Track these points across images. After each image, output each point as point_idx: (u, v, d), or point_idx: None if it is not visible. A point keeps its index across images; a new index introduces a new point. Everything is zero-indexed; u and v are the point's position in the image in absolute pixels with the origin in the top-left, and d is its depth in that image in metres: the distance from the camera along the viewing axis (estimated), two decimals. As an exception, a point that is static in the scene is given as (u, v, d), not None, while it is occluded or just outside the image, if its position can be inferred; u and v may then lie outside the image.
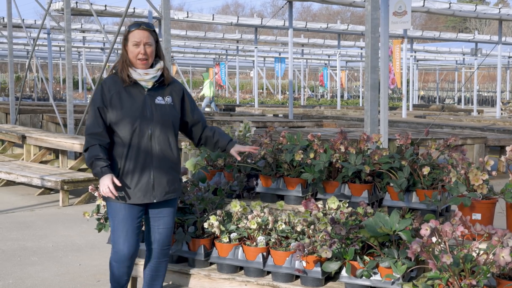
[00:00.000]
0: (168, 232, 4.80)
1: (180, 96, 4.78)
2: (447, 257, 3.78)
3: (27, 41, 29.36)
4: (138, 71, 4.58)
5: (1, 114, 19.27)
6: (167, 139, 4.64)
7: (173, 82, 4.79)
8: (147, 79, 4.59)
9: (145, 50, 4.54)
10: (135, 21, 4.65)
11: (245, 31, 42.11)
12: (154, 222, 4.75)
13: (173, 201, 4.78)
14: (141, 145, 4.56)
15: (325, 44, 36.46)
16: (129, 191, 4.57)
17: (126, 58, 4.59)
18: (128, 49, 4.57)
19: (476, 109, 28.81)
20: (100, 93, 4.61)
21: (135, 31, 4.55)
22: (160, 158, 4.61)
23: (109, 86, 4.61)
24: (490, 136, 13.50)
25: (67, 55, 12.64)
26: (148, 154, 4.58)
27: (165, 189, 4.65)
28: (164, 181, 4.63)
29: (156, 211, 4.72)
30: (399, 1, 11.22)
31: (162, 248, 4.81)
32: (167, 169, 4.65)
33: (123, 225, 4.62)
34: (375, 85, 7.31)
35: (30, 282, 6.23)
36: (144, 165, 4.57)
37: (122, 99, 4.57)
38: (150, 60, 4.60)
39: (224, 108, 28.79)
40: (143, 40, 4.53)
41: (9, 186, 11.41)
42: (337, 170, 5.44)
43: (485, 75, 54.69)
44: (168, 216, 4.76)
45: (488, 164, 4.70)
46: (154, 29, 4.65)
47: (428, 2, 18.57)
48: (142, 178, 4.57)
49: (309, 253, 4.64)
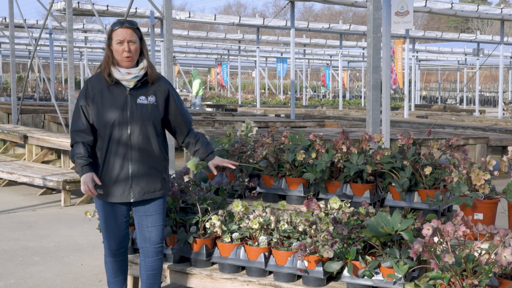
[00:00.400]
0: (158, 230, 4.81)
1: (165, 96, 4.73)
2: (449, 257, 3.78)
3: (29, 41, 29.37)
4: (121, 70, 4.59)
5: (3, 114, 19.28)
6: (148, 139, 4.63)
7: (159, 80, 4.75)
8: (128, 79, 4.59)
9: (129, 47, 4.55)
10: (117, 20, 4.67)
11: (247, 31, 42.05)
12: (142, 221, 4.78)
13: (159, 200, 4.78)
14: (119, 144, 4.58)
15: (327, 44, 36.43)
16: (108, 189, 4.64)
17: (110, 57, 4.61)
18: (113, 48, 4.58)
19: (478, 109, 28.76)
20: (84, 91, 4.66)
21: (118, 30, 4.56)
22: (139, 158, 4.61)
23: (93, 84, 4.65)
24: (492, 136, 13.49)
25: (69, 55, 12.63)
26: (127, 154, 4.60)
27: (144, 189, 4.65)
28: (142, 181, 4.64)
29: (142, 209, 4.75)
30: (401, 1, 11.21)
31: (154, 246, 4.83)
32: (146, 169, 4.64)
33: (109, 222, 4.77)
34: (377, 85, 7.31)
35: (32, 282, 6.23)
36: (122, 164, 4.60)
37: (104, 97, 4.60)
38: (135, 57, 4.60)
39: (226, 108, 28.77)
40: (126, 38, 4.54)
41: (11, 186, 11.41)
42: (339, 170, 5.44)
43: (487, 75, 54.66)
44: (156, 214, 4.77)
45: (490, 164, 4.70)
46: (138, 27, 4.65)
47: (430, 2, 18.56)
48: (120, 178, 4.61)
49: (311, 253, 4.63)
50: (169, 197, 5.36)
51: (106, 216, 4.75)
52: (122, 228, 4.82)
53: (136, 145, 4.60)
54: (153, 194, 4.70)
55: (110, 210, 4.72)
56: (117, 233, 4.81)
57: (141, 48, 4.65)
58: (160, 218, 4.80)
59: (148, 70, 4.66)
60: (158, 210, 4.78)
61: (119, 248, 4.88)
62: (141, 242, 4.84)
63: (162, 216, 4.81)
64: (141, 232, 4.81)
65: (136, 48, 4.59)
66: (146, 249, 4.83)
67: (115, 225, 4.77)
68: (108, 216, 4.74)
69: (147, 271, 4.88)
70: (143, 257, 4.87)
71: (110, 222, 4.76)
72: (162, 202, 4.80)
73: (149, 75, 4.66)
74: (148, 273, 4.89)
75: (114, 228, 4.78)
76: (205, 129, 13.24)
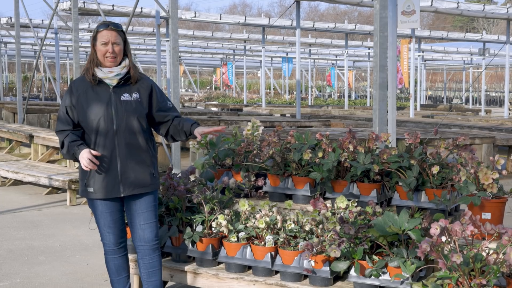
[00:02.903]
0: (152, 228, 4.85)
1: (148, 92, 4.81)
2: (457, 257, 3.76)
3: (34, 41, 29.40)
4: (103, 69, 4.68)
5: (9, 114, 19.30)
6: (134, 134, 4.71)
7: (142, 78, 4.84)
8: (111, 77, 4.68)
9: (113, 48, 4.64)
10: (103, 21, 4.79)
11: (252, 31, 42.03)
12: (134, 219, 4.82)
13: (149, 196, 4.82)
14: (106, 141, 4.67)
15: (332, 44, 36.39)
16: (98, 186, 4.70)
17: (94, 57, 4.70)
18: (97, 48, 4.67)
19: (484, 109, 28.71)
20: (69, 92, 4.76)
21: (103, 31, 4.66)
22: (127, 154, 4.69)
23: (77, 86, 4.75)
24: (498, 136, 13.46)
25: (75, 55, 12.64)
26: (114, 150, 4.67)
27: (133, 183, 4.71)
28: (131, 176, 4.70)
29: (133, 207, 4.80)
30: (408, 0, 11.19)
31: (150, 244, 4.86)
32: (135, 164, 4.71)
33: (105, 218, 4.83)
34: (384, 84, 7.29)
35: (37, 281, 6.23)
36: (111, 161, 4.67)
37: (88, 97, 4.69)
38: (118, 58, 4.69)
39: (231, 108, 28.77)
40: (111, 40, 4.64)
41: (16, 186, 11.42)
42: (345, 169, 5.42)
43: (493, 75, 54.55)
44: (147, 211, 4.81)
45: (499, 163, 4.69)
46: (122, 29, 4.75)
47: (436, 2, 18.52)
48: (109, 173, 4.67)
49: (317, 252, 4.62)
50: (175, 197, 5.36)
51: (101, 213, 4.81)
52: (119, 222, 4.88)
53: (122, 140, 4.67)
54: (142, 189, 4.75)
55: (104, 207, 4.79)
56: (114, 228, 4.87)
57: (124, 50, 4.75)
58: (152, 215, 4.84)
59: (130, 70, 4.75)
60: (149, 207, 4.82)
61: (119, 243, 4.94)
62: (136, 241, 4.89)
63: (154, 213, 4.86)
64: (135, 231, 4.86)
65: (120, 49, 4.69)
66: (142, 247, 4.88)
67: (111, 220, 4.84)
68: (103, 212, 4.81)
69: (146, 270, 4.92)
70: (141, 255, 4.91)
71: (106, 218, 4.82)
72: (153, 199, 4.85)
73: (131, 75, 4.75)
74: (148, 271, 4.92)
75: (110, 223, 4.84)
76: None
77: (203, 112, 21.62)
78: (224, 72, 38.31)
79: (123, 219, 4.93)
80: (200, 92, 44.75)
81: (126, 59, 4.74)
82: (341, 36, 40.03)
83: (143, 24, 58.75)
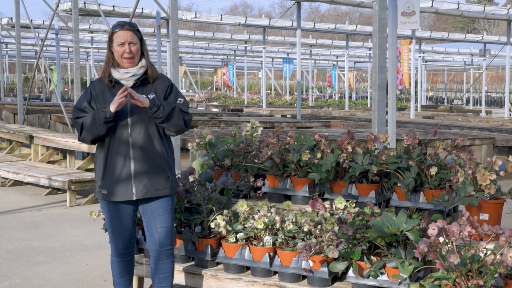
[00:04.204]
0: (167, 232, 4.79)
1: (165, 92, 4.74)
2: (455, 257, 3.77)
3: (35, 42, 29.39)
4: (120, 70, 4.63)
5: (9, 114, 19.31)
6: (149, 136, 4.65)
7: (160, 78, 4.79)
8: (127, 78, 4.63)
9: (130, 48, 4.59)
10: (117, 22, 4.71)
11: (253, 31, 42.02)
12: (150, 222, 4.76)
13: (166, 200, 4.75)
14: (120, 143, 4.61)
15: (333, 44, 36.41)
16: (111, 188, 4.64)
17: (111, 59, 4.66)
18: (114, 49, 4.63)
19: (484, 110, 28.70)
20: (88, 93, 4.72)
21: (119, 32, 4.61)
22: (141, 156, 4.62)
23: (95, 86, 4.73)
24: (498, 136, 13.46)
25: (75, 56, 12.66)
26: (128, 152, 4.61)
27: (146, 186, 4.64)
28: (144, 178, 4.63)
29: (149, 210, 4.73)
30: (408, 1, 11.20)
31: (164, 249, 4.80)
32: (148, 166, 4.64)
33: (114, 222, 4.76)
34: (383, 85, 7.30)
35: (37, 282, 6.24)
36: (124, 162, 4.62)
37: (105, 97, 4.64)
38: (136, 58, 4.65)
39: (232, 109, 28.77)
40: (127, 40, 4.59)
41: (16, 186, 11.44)
42: (344, 170, 5.42)
43: (493, 76, 54.55)
44: (164, 215, 4.75)
45: (496, 164, 4.69)
46: (138, 29, 4.70)
47: (437, 3, 18.54)
48: (122, 176, 4.62)
49: (316, 253, 4.62)
50: (174, 197, 5.36)
51: (111, 216, 4.75)
52: (128, 228, 4.81)
53: (137, 143, 4.61)
54: (156, 193, 4.67)
55: (116, 210, 4.72)
56: (123, 233, 4.80)
57: (141, 49, 4.70)
58: (168, 219, 4.77)
59: (148, 70, 4.70)
60: (166, 211, 4.75)
61: (126, 248, 4.88)
62: (151, 245, 4.82)
63: (170, 217, 4.79)
64: (151, 235, 4.79)
65: (137, 49, 4.64)
66: (157, 252, 4.81)
67: (121, 225, 4.76)
68: (113, 216, 4.74)
69: (159, 275, 4.85)
70: (154, 260, 4.84)
71: (115, 222, 4.76)
72: (169, 203, 4.77)
73: (149, 75, 4.70)
74: (160, 276, 4.86)
75: (120, 228, 4.77)
76: (211, 129, 13.24)
77: (203, 112, 21.62)
78: (225, 72, 38.34)
79: (134, 226, 4.86)
80: (201, 93, 44.74)
81: (143, 60, 4.69)
82: (341, 37, 40.01)
83: (144, 25, 58.72)
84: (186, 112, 4.78)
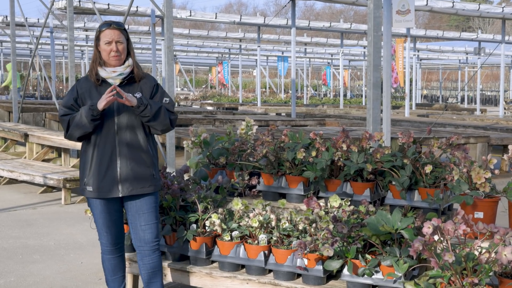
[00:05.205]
0: (153, 229, 4.82)
1: (151, 92, 4.78)
2: (449, 256, 3.77)
3: (30, 40, 29.34)
4: (107, 69, 4.69)
5: (4, 113, 19.28)
6: (135, 134, 4.70)
7: (146, 78, 4.83)
8: (114, 76, 4.68)
9: (117, 47, 4.65)
10: (104, 21, 4.76)
11: (248, 30, 42.09)
12: (134, 220, 4.79)
13: (150, 198, 4.78)
14: (107, 140, 4.66)
15: (328, 43, 36.37)
16: (97, 185, 4.67)
17: (98, 57, 4.71)
18: (101, 48, 4.68)
19: (479, 108, 28.75)
20: (74, 90, 4.76)
21: (106, 31, 4.67)
22: (127, 153, 4.67)
23: (82, 84, 4.77)
24: (493, 135, 13.48)
25: (70, 54, 12.62)
26: (114, 149, 4.66)
27: (132, 184, 4.68)
28: (130, 176, 4.67)
29: (134, 208, 4.77)
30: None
31: (150, 245, 4.83)
32: (134, 164, 4.68)
33: (103, 218, 4.81)
34: (378, 84, 7.30)
35: (31, 280, 6.23)
36: (111, 160, 4.66)
37: (92, 96, 4.69)
38: (122, 57, 4.70)
39: (227, 107, 28.76)
40: (114, 38, 4.65)
41: (11, 184, 11.42)
42: (339, 168, 5.43)
43: (488, 74, 54.60)
44: (148, 213, 4.78)
45: (491, 162, 4.70)
46: (125, 28, 4.76)
47: (431, 1, 18.53)
48: (108, 173, 4.65)
49: (310, 251, 4.63)
50: (169, 195, 5.36)
51: (100, 213, 4.79)
52: (117, 223, 4.87)
53: (123, 141, 4.66)
54: (142, 190, 4.71)
55: (103, 207, 4.77)
56: (113, 228, 4.86)
57: (128, 48, 4.75)
58: (153, 216, 4.81)
59: (134, 69, 4.75)
60: (150, 209, 4.79)
61: (116, 244, 4.94)
62: (137, 241, 4.85)
63: (155, 214, 4.83)
64: (136, 232, 4.83)
65: (124, 47, 4.70)
66: (142, 248, 4.84)
67: (110, 221, 4.82)
68: (102, 212, 4.78)
69: (147, 271, 4.88)
70: (141, 256, 4.88)
71: (104, 218, 4.80)
72: (154, 200, 4.81)
73: (135, 74, 4.75)
74: (148, 272, 4.89)
75: (109, 223, 4.83)
76: (205, 127, 13.25)
77: (198, 111, 21.61)
78: (219, 71, 38.34)
79: (121, 220, 4.92)
80: (195, 91, 44.69)
81: (129, 59, 4.74)
82: (336, 35, 40.11)
83: (138, 23, 58.69)
84: (172, 111, 4.85)
